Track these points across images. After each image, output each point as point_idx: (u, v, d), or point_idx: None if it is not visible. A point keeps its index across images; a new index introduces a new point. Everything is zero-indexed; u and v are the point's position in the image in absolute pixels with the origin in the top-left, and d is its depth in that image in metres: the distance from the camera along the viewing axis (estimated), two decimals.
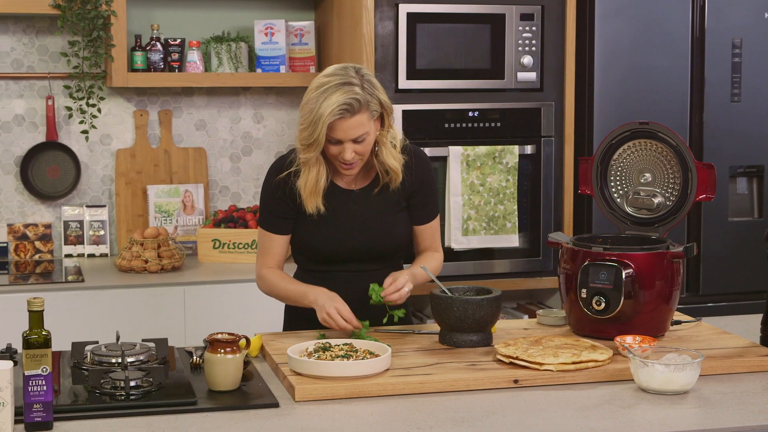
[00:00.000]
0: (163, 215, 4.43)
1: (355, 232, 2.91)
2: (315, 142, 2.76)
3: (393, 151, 2.88)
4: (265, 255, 2.98)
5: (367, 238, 2.92)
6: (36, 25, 4.33)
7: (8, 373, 2.12)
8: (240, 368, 2.44)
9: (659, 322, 2.82)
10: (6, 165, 4.36)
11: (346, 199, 2.92)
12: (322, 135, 2.74)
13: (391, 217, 2.95)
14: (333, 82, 2.74)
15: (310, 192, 2.85)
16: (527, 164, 4.20)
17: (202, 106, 4.54)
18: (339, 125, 2.74)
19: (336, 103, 2.71)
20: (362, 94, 2.75)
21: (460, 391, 2.45)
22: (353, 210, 2.92)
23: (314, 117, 2.73)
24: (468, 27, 4.11)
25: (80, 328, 3.70)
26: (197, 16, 4.47)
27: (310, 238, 2.93)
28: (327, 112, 2.71)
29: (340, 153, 2.80)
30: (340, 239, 2.91)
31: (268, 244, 2.97)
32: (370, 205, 2.92)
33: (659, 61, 4.27)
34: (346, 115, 2.73)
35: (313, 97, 2.75)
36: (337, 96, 2.72)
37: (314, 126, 2.73)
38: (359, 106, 2.74)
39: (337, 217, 2.91)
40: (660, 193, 2.96)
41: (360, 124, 2.76)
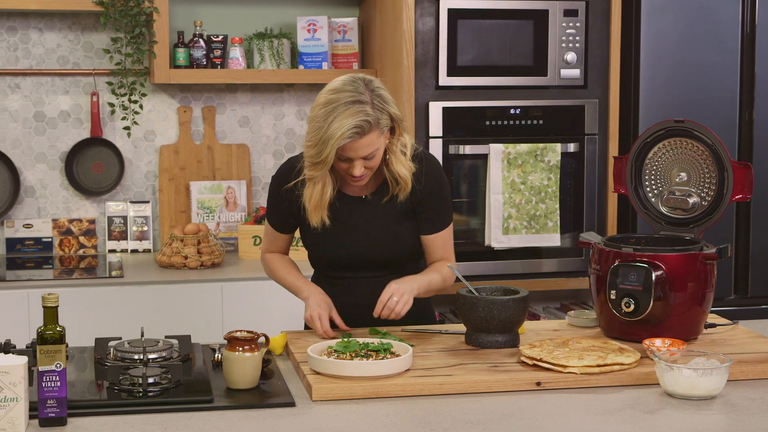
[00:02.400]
0: (206, 211, 4.45)
1: (362, 240, 2.86)
2: (322, 162, 2.67)
3: (403, 159, 2.79)
4: (270, 243, 3.04)
5: (375, 246, 2.87)
6: (82, 21, 4.37)
7: (21, 368, 2.13)
8: (258, 367, 2.42)
9: (691, 324, 2.76)
10: (51, 161, 4.41)
11: (355, 207, 2.87)
12: (331, 156, 2.65)
13: (400, 226, 2.87)
14: (342, 99, 2.63)
15: (315, 206, 2.79)
16: (570, 162, 4.14)
17: (245, 102, 4.54)
18: (349, 146, 2.65)
19: (347, 126, 2.61)
20: (373, 114, 2.65)
21: (481, 393, 2.41)
22: (361, 218, 2.86)
23: (323, 137, 2.63)
24: (510, 23, 4.06)
25: (117, 323, 3.73)
26: (240, 13, 4.47)
27: (319, 245, 2.90)
28: (337, 135, 2.61)
29: (349, 168, 2.72)
30: (349, 247, 2.87)
31: (273, 238, 3.02)
32: (378, 213, 2.86)
33: (708, 57, 4.18)
34: (356, 138, 2.64)
35: (321, 115, 2.64)
36: (347, 118, 2.61)
37: (322, 146, 2.63)
38: (369, 127, 2.64)
39: (346, 225, 2.86)
40: (695, 192, 2.89)
41: (370, 143, 2.67)
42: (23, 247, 4.36)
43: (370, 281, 2.89)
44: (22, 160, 4.38)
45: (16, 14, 4.31)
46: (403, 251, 2.91)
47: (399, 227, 2.88)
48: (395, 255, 2.90)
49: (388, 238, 2.87)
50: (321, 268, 3.00)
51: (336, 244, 2.87)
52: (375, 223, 2.87)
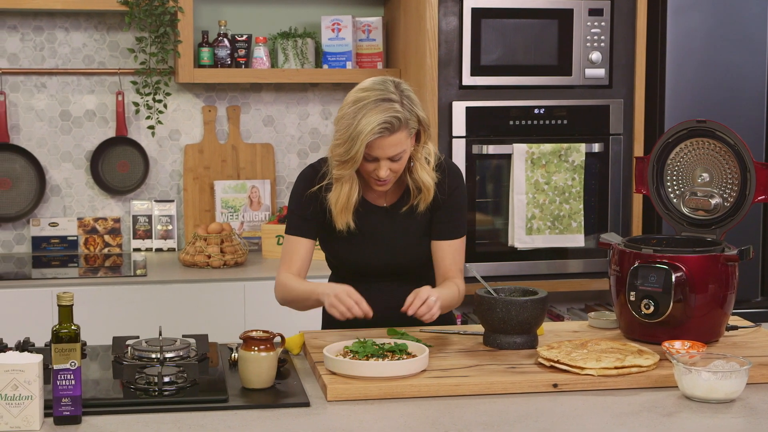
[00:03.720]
0: (230, 211, 4.45)
1: (383, 248, 2.85)
2: (351, 159, 2.67)
3: (427, 167, 2.78)
4: (288, 261, 2.86)
5: (394, 255, 2.86)
6: (107, 21, 4.39)
7: (36, 366, 2.13)
8: (273, 366, 2.42)
9: (712, 327, 2.73)
10: (77, 160, 4.43)
11: (376, 216, 2.85)
12: (360, 153, 2.65)
13: (420, 236, 2.86)
14: (371, 97, 2.64)
15: (341, 209, 2.77)
16: (594, 162, 4.11)
17: (269, 102, 4.55)
18: (378, 143, 2.65)
19: (376, 122, 2.61)
20: (402, 112, 2.65)
21: (498, 395, 2.39)
22: (382, 226, 2.85)
23: (352, 134, 2.63)
24: (534, 22, 4.04)
25: (140, 322, 3.75)
26: (264, 12, 4.48)
27: (340, 253, 2.89)
28: (366, 131, 2.61)
29: (375, 170, 2.71)
30: (369, 255, 2.86)
31: (293, 249, 2.86)
32: (399, 222, 2.85)
33: (735, 57, 4.14)
34: (385, 134, 2.64)
35: (350, 113, 2.65)
36: (376, 114, 2.62)
37: (351, 143, 2.63)
38: (399, 125, 2.65)
39: (367, 233, 2.84)
40: (717, 193, 2.86)
41: (398, 142, 2.67)
42: (49, 245, 4.38)
43: (389, 290, 2.88)
44: (48, 159, 4.40)
45: (43, 14, 4.34)
46: (421, 261, 2.89)
47: (419, 238, 2.87)
48: (413, 264, 2.89)
49: (407, 248, 2.86)
50: (339, 274, 2.98)
51: (355, 252, 2.86)
52: (395, 232, 2.85)
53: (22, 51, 4.35)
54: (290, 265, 2.87)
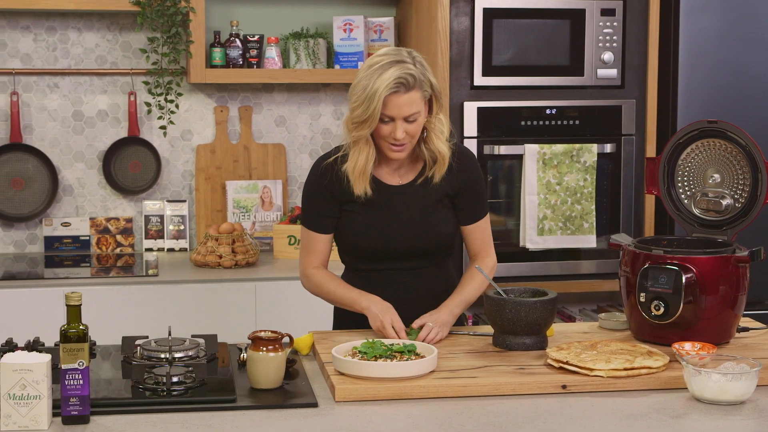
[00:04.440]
0: (242, 211, 4.46)
1: (399, 227, 2.87)
2: (369, 117, 2.72)
3: (441, 137, 2.84)
4: (310, 254, 2.95)
5: (411, 234, 2.87)
6: (120, 21, 4.40)
7: (44, 366, 2.14)
8: (282, 367, 2.42)
9: (723, 328, 2.72)
10: (89, 160, 4.44)
11: (391, 195, 2.88)
12: (377, 110, 2.71)
13: (436, 214, 2.89)
14: (385, 60, 2.73)
15: (359, 173, 2.81)
16: (606, 163, 4.10)
17: (281, 102, 4.55)
18: (393, 101, 2.71)
19: (391, 77, 2.69)
20: (416, 71, 2.73)
21: (506, 396, 2.39)
22: (398, 205, 2.88)
23: (369, 93, 2.70)
24: (546, 23, 4.03)
25: (152, 321, 3.75)
26: (276, 13, 4.48)
27: (355, 235, 2.89)
28: (382, 86, 2.69)
29: (392, 132, 2.75)
30: (385, 235, 2.87)
31: (312, 244, 2.94)
32: (414, 201, 2.88)
33: (748, 58, 4.12)
34: (400, 89, 2.71)
35: (366, 75, 2.73)
36: (391, 71, 2.70)
37: (369, 101, 2.70)
38: (414, 82, 2.72)
39: (382, 212, 2.87)
40: (729, 194, 2.85)
41: (413, 101, 2.73)
42: (61, 245, 4.40)
43: (405, 274, 2.90)
44: (61, 159, 4.42)
45: (56, 14, 4.35)
46: (440, 240, 2.90)
47: (436, 215, 2.89)
48: (431, 243, 2.90)
49: (425, 226, 2.88)
50: (356, 262, 2.97)
51: (374, 232, 2.87)
52: (412, 210, 2.88)
53: (35, 51, 4.37)
54: (312, 259, 2.94)
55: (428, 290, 2.91)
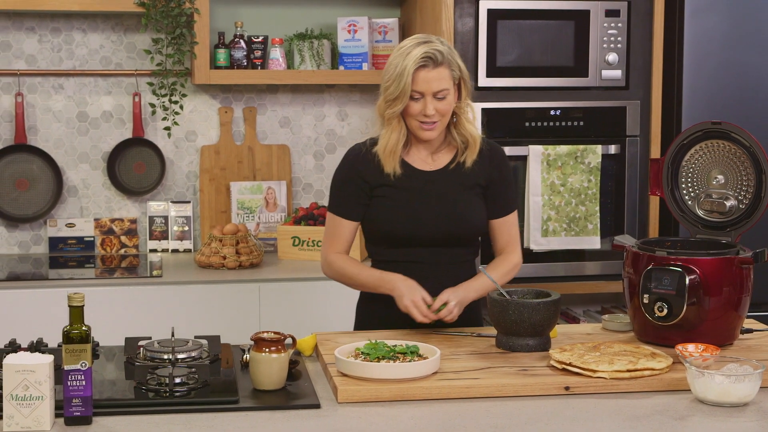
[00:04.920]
0: (246, 212, 4.46)
1: (429, 212, 2.91)
2: (401, 94, 2.82)
3: (471, 121, 2.94)
4: (333, 240, 2.98)
5: (441, 219, 2.91)
6: (124, 23, 4.40)
7: (47, 367, 2.14)
8: (284, 368, 2.42)
9: (727, 330, 2.71)
10: (94, 161, 4.44)
11: (423, 180, 2.93)
12: (408, 85, 2.80)
13: (466, 201, 2.93)
14: (414, 42, 2.86)
15: (389, 152, 2.89)
16: (611, 164, 4.10)
17: (286, 103, 4.55)
18: (422, 76, 2.81)
19: (419, 53, 2.81)
20: (444, 48, 2.85)
21: (509, 397, 2.39)
22: (429, 191, 2.92)
23: (399, 70, 2.82)
24: (551, 24, 4.03)
25: (155, 322, 3.74)
26: (280, 14, 4.48)
27: (385, 218, 2.92)
28: (411, 62, 2.80)
29: (422, 110, 2.83)
30: (415, 219, 2.90)
31: (338, 230, 2.98)
32: (445, 187, 2.93)
33: (753, 59, 4.11)
34: (429, 64, 2.81)
35: (396, 56, 2.86)
36: (419, 48, 2.83)
37: (399, 78, 2.82)
38: (441, 59, 2.83)
39: (413, 197, 2.91)
40: (732, 195, 2.84)
41: (441, 77, 2.83)
42: (65, 246, 4.40)
43: (431, 268, 2.92)
44: (65, 160, 4.42)
45: (60, 15, 4.35)
46: (469, 227, 2.95)
47: (467, 202, 2.94)
48: (460, 230, 2.94)
49: (455, 211, 2.92)
50: (382, 251, 2.98)
51: (405, 216, 2.91)
52: (443, 196, 2.92)
53: (40, 52, 4.37)
54: (335, 245, 2.98)
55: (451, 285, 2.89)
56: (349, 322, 3.94)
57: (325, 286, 3.94)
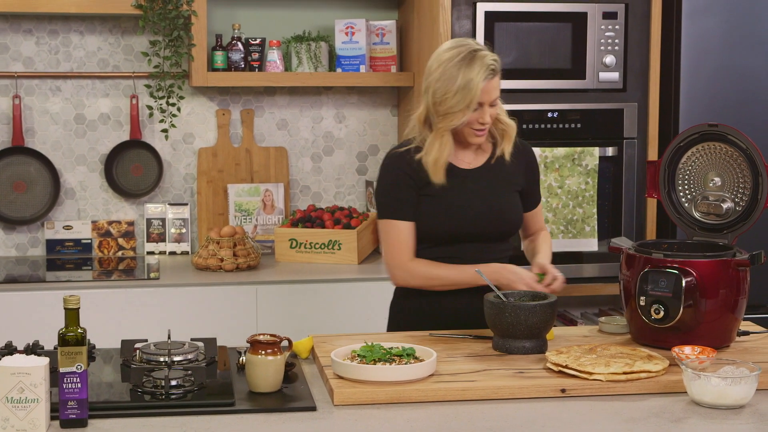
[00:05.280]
0: (243, 214, 4.46)
1: (472, 211, 2.96)
2: (466, 107, 2.84)
3: (505, 112, 3.00)
4: (401, 246, 2.96)
5: (484, 217, 2.96)
6: (122, 25, 4.40)
7: (42, 369, 2.14)
8: (281, 370, 2.42)
9: (723, 332, 2.71)
10: (91, 163, 4.44)
11: (464, 178, 2.97)
12: (476, 98, 2.83)
13: (506, 197, 3.01)
14: (466, 50, 2.87)
15: (442, 164, 2.92)
16: (608, 166, 4.10)
17: (284, 105, 4.55)
18: (486, 86, 2.85)
19: (485, 66, 2.85)
20: (497, 58, 2.90)
21: (505, 400, 2.39)
22: (471, 189, 2.97)
23: (461, 83, 2.83)
24: (548, 26, 4.03)
25: (153, 325, 3.74)
26: (278, 16, 4.48)
27: (431, 218, 2.96)
28: (478, 75, 2.83)
29: (478, 118, 2.88)
30: (460, 217, 2.95)
31: (401, 235, 2.97)
32: (486, 184, 2.99)
33: (751, 61, 4.11)
34: (491, 77, 2.86)
35: (452, 66, 2.85)
36: (480, 60, 2.85)
37: (465, 91, 2.83)
38: (498, 68, 2.90)
39: (456, 196, 2.95)
40: (729, 198, 2.84)
41: (498, 85, 2.90)
42: (63, 248, 4.40)
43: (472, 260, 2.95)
44: (63, 162, 4.42)
45: (58, 17, 4.35)
46: (510, 221, 3.04)
47: (506, 199, 3.02)
48: (503, 224, 3.01)
49: (497, 207, 2.99)
50: (425, 249, 3.00)
51: (450, 214, 2.95)
52: (485, 192, 2.98)
53: (37, 55, 4.37)
54: (407, 251, 2.97)
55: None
56: (346, 324, 3.95)
57: (323, 288, 3.95)
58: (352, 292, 3.96)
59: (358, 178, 4.64)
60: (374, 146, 4.63)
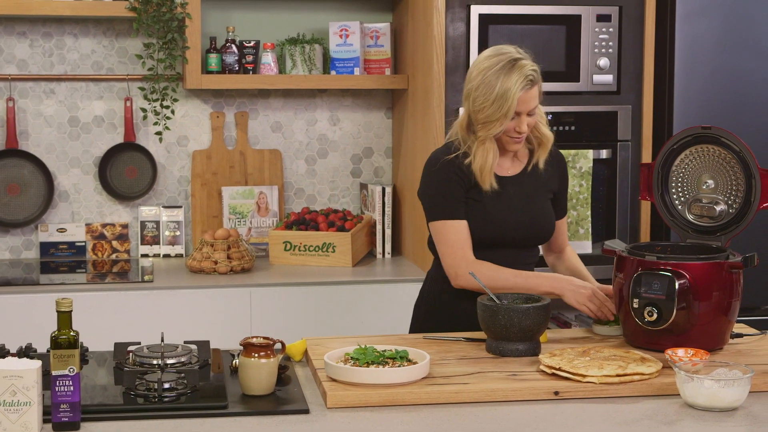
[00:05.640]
0: (237, 217, 4.46)
1: (511, 217, 2.98)
2: (503, 116, 2.86)
3: (545, 122, 3.02)
4: (460, 245, 2.94)
5: (521, 223, 2.99)
6: (116, 27, 4.40)
7: (35, 372, 2.13)
8: (274, 373, 2.41)
9: (717, 334, 2.71)
10: (85, 165, 4.44)
11: (504, 185, 2.99)
12: (513, 108, 2.85)
13: (542, 205, 3.04)
14: (506, 59, 2.88)
15: (488, 171, 2.94)
16: (602, 169, 4.10)
17: (278, 108, 4.55)
18: (522, 97, 2.87)
19: (522, 76, 2.86)
20: (536, 66, 2.91)
21: (498, 402, 2.38)
22: (510, 195, 2.99)
23: (499, 92, 2.85)
24: (542, 28, 4.03)
25: (147, 327, 3.72)
26: (272, 18, 4.48)
27: (474, 223, 2.97)
28: (516, 86, 2.85)
29: (515, 126, 2.90)
30: (501, 222, 2.97)
31: (458, 235, 2.95)
32: (523, 192, 3.02)
33: (745, 63, 4.11)
34: (528, 87, 2.87)
35: (491, 75, 2.87)
36: (519, 70, 2.86)
37: (502, 101, 2.84)
38: (537, 78, 2.90)
39: (497, 202, 2.97)
40: (722, 200, 2.84)
41: (536, 95, 2.91)
42: (57, 251, 4.39)
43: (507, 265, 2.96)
44: (57, 165, 4.42)
45: (52, 20, 4.35)
46: (546, 228, 3.06)
47: (543, 205, 3.06)
48: (540, 231, 3.05)
49: (534, 214, 3.02)
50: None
51: (492, 219, 2.97)
52: (523, 199, 3.01)
53: (31, 57, 4.37)
54: (467, 250, 2.95)
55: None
56: (338, 327, 3.95)
57: (317, 291, 3.95)
58: (346, 295, 3.96)
59: (352, 180, 4.64)
60: (368, 149, 4.63)
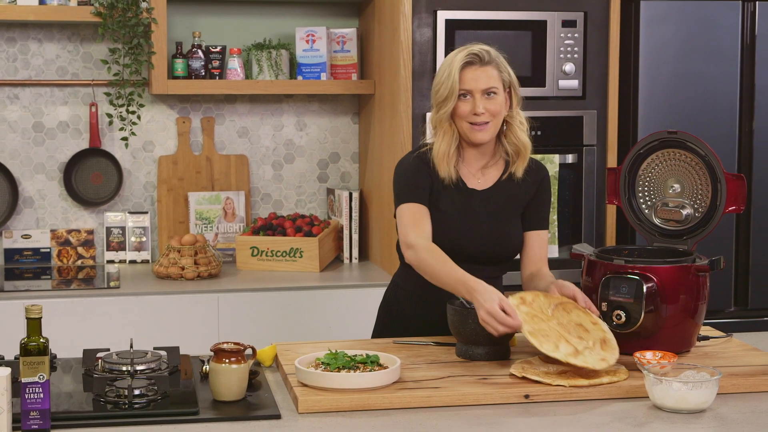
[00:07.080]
0: (204, 222, 4.44)
1: (474, 232, 2.92)
2: (450, 93, 2.84)
3: (523, 128, 2.94)
4: (417, 226, 2.87)
5: (485, 239, 2.92)
6: (81, 32, 4.37)
7: (4, 380, 2.12)
8: (244, 378, 2.41)
9: (684, 337, 2.74)
10: (50, 171, 4.41)
11: (471, 198, 2.94)
12: (456, 83, 2.83)
13: (510, 221, 2.96)
14: (462, 47, 2.90)
15: (443, 156, 2.89)
16: (568, 173, 4.13)
17: (244, 113, 4.54)
18: (468, 74, 2.84)
19: (465, 52, 2.86)
20: (491, 50, 2.88)
21: (469, 406, 2.39)
22: (477, 210, 2.93)
23: (447, 72, 2.85)
24: (508, 34, 4.05)
25: (114, 334, 3.72)
26: (238, 24, 4.48)
27: (444, 233, 2.91)
28: (457, 61, 2.84)
29: (471, 109, 2.85)
30: (460, 238, 2.91)
31: (417, 216, 2.88)
32: (492, 207, 2.94)
33: (707, 68, 4.16)
34: (475, 61, 2.84)
35: (445, 62, 2.90)
36: (466, 50, 2.87)
37: (447, 79, 2.85)
38: (488, 58, 2.86)
39: (461, 215, 2.92)
40: (689, 204, 2.87)
41: (489, 76, 2.85)
42: (21, 257, 4.36)
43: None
44: (21, 171, 4.38)
45: (16, 25, 4.32)
46: (509, 247, 2.97)
47: (510, 223, 2.96)
48: (502, 249, 2.96)
49: (498, 231, 2.94)
50: None
51: (457, 231, 2.91)
52: (489, 217, 2.94)
53: None
54: (422, 229, 2.88)
55: None
56: (308, 331, 3.95)
57: (285, 296, 3.94)
58: (314, 300, 3.96)
59: (319, 185, 4.64)
60: (335, 154, 4.63)
